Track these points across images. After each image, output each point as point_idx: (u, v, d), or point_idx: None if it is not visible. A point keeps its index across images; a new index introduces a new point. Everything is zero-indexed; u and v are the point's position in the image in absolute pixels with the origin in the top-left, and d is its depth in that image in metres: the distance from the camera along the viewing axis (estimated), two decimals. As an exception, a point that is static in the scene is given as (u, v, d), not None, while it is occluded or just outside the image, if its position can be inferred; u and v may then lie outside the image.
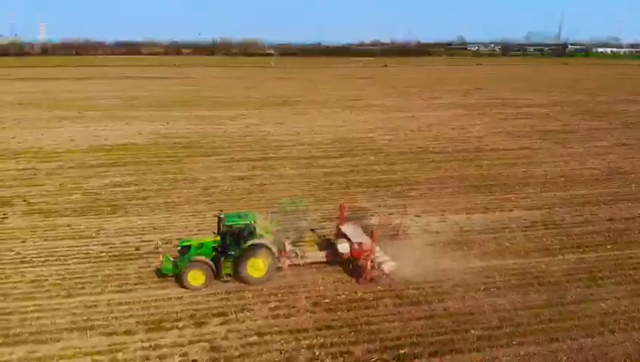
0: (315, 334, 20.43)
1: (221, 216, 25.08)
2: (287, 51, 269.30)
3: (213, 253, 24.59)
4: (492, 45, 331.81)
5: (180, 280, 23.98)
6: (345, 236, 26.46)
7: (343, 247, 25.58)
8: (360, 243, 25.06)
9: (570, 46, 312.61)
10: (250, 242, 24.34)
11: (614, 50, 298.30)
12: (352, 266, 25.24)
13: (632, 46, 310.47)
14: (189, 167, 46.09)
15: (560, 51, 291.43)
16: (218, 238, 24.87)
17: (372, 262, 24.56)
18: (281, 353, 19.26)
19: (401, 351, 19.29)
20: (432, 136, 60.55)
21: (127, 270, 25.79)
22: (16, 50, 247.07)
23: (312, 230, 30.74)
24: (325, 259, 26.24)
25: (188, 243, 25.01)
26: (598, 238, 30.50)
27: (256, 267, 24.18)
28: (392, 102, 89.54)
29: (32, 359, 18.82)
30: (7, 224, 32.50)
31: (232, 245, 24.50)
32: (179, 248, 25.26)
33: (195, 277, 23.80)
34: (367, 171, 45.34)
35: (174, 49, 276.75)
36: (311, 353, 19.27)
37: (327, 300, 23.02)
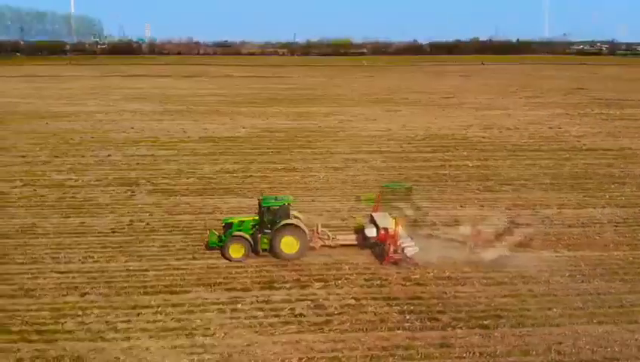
0: (405, 302, 22.76)
1: (260, 198, 28.21)
2: (380, 49, 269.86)
3: (252, 230, 27.32)
4: (598, 44, 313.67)
5: (223, 252, 27.09)
6: (374, 222, 28.42)
7: (370, 231, 27.69)
8: (386, 229, 26.90)
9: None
10: (283, 222, 26.92)
11: None
12: (379, 249, 27.19)
13: None
14: (288, 158, 49.64)
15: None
16: (257, 217, 27.75)
17: (395, 246, 26.25)
18: (375, 314, 21.82)
19: (485, 322, 21.17)
20: (527, 134, 60.19)
21: (241, 241, 29.22)
22: (125, 49, 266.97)
23: (353, 217, 33.07)
24: (355, 242, 28.39)
25: (230, 221, 27.96)
26: (694, 237, 30.26)
27: (289, 244, 26.70)
28: (487, 101, 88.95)
29: (168, 305, 22.62)
30: (136, 200, 37.54)
31: (268, 224, 27.19)
32: (223, 224, 28.29)
33: (236, 250, 26.73)
34: (458, 166, 46.61)
35: (271, 49, 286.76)
36: (402, 317, 21.66)
37: (416, 276, 25.19)
